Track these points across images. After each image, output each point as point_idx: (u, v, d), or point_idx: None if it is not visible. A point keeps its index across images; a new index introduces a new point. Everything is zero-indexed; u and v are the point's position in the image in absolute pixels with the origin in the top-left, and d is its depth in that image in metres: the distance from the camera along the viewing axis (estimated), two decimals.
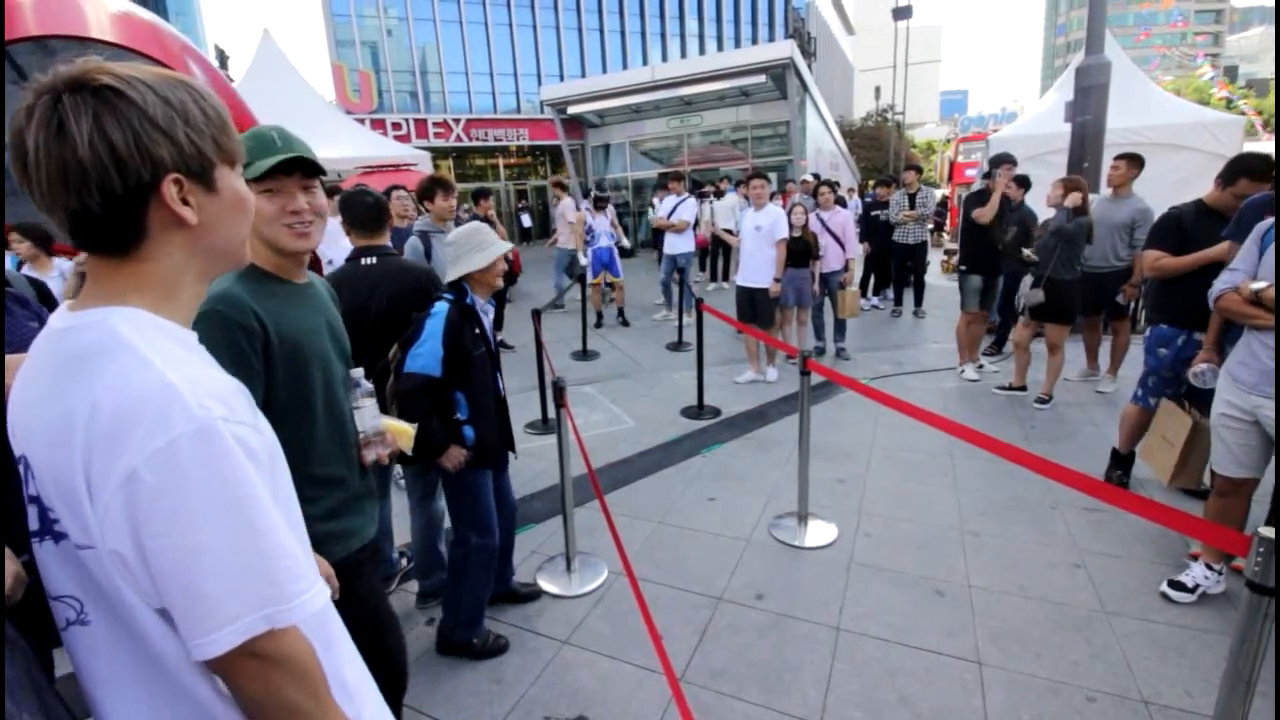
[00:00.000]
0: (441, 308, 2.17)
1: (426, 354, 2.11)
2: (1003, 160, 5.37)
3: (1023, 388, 4.94)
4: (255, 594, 0.68)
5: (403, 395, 2.09)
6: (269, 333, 1.31)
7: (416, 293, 2.34)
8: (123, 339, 0.70)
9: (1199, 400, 3.11)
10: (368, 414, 1.53)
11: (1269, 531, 1.26)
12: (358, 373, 1.51)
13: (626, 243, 8.33)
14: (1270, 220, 2.27)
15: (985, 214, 5.12)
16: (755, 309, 5.46)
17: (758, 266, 5.40)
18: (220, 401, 0.70)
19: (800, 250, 5.54)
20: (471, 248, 2.25)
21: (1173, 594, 2.52)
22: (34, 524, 0.73)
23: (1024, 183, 5.27)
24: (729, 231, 7.50)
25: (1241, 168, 3.07)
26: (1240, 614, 1.33)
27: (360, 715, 0.84)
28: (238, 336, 1.27)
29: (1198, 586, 2.51)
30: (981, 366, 5.56)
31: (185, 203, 0.74)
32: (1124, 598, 2.57)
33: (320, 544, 1.32)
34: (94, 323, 0.72)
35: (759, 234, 5.35)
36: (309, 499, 1.34)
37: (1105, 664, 2.23)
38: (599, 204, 8.04)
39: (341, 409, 1.46)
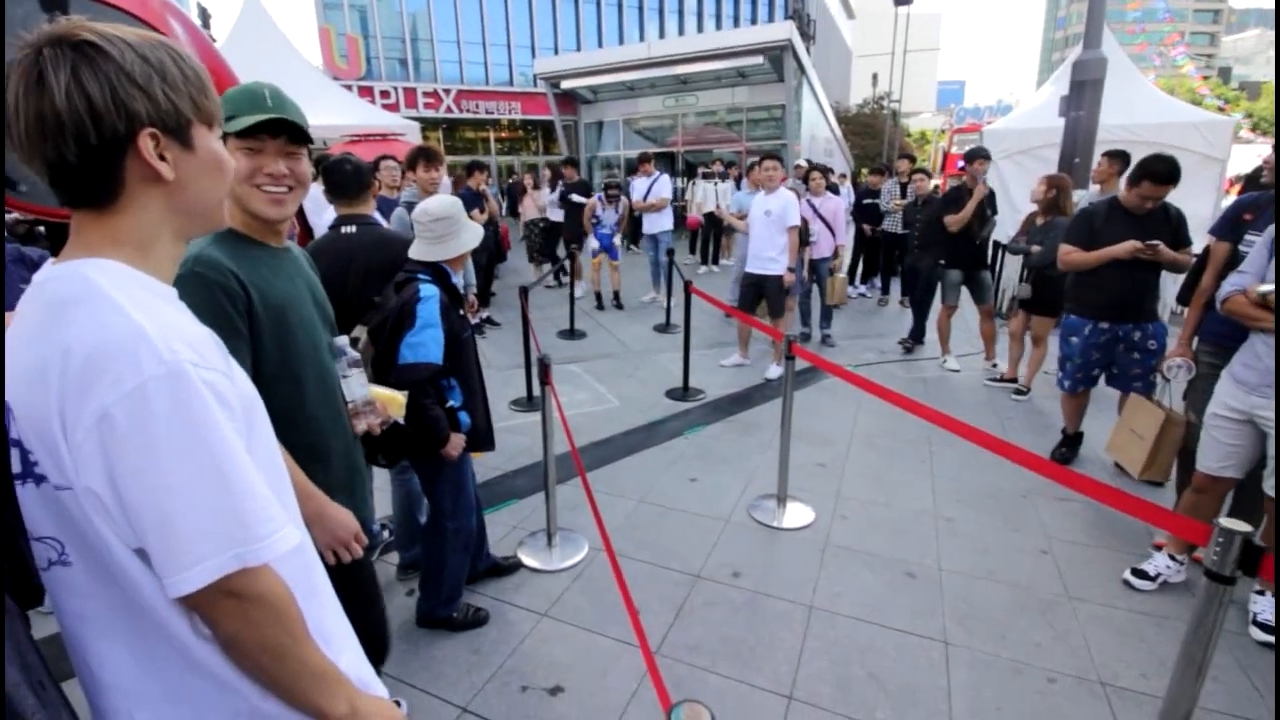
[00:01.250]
0: (432, 291, 2.04)
1: (429, 341, 1.98)
2: (977, 155, 5.38)
3: (1014, 379, 4.97)
4: (225, 533, 0.71)
5: (414, 389, 1.93)
6: (251, 296, 1.28)
7: (396, 265, 2.22)
8: (94, 286, 0.72)
9: (1145, 387, 3.30)
10: (355, 382, 1.50)
11: (1229, 523, 1.31)
12: (342, 340, 1.49)
13: (618, 240, 8.24)
14: None
15: (956, 223, 5.18)
16: (766, 298, 5.27)
17: (768, 253, 5.16)
18: (189, 346, 0.72)
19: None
20: (459, 227, 2.14)
21: (1135, 581, 2.60)
22: (16, 467, 0.75)
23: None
24: (739, 217, 7.35)
25: (1146, 171, 3.22)
26: (1198, 601, 1.38)
27: (337, 661, 0.86)
28: (219, 297, 1.24)
29: (1159, 575, 2.59)
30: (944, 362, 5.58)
31: (162, 158, 0.76)
32: (1088, 584, 2.65)
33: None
34: (68, 273, 0.74)
35: (769, 219, 5.09)
36: (309, 467, 1.33)
37: (1067, 647, 2.30)
38: (611, 197, 7.89)
39: (331, 377, 1.44)
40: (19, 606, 0.90)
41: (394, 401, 1.67)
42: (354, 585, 1.42)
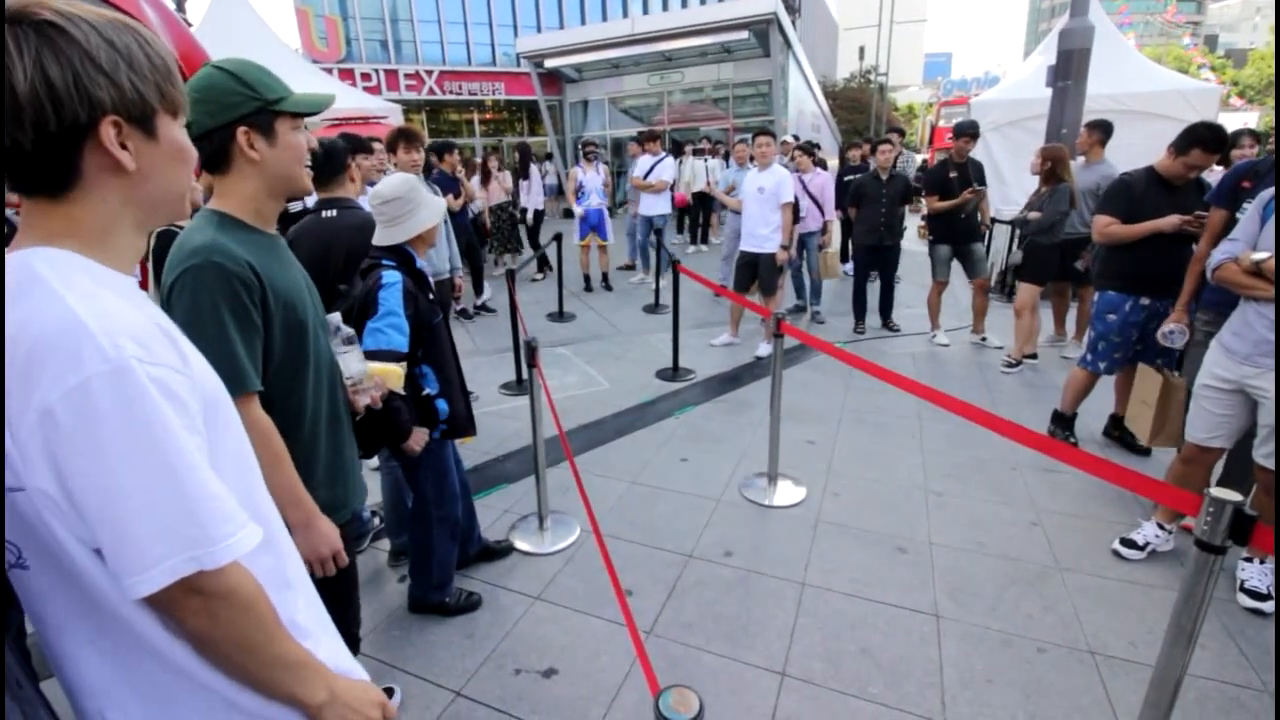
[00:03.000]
0: (395, 277, 1.95)
1: (388, 328, 1.89)
2: (963, 132, 5.32)
3: (1034, 355, 4.89)
4: (180, 535, 0.68)
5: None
6: (264, 286, 1.23)
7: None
8: (38, 276, 0.69)
9: (1153, 361, 3.21)
10: (353, 359, 1.49)
11: (1219, 492, 1.30)
12: (335, 318, 1.47)
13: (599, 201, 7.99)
14: (1273, 190, 2.23)
15: (940, 208, 5.20)
16: (758, 276, 5.21)
17: (762, 230, 5.08)
18: (135, 341, 0.68)
19: None
20: (414, 205, 2.03)
21: (1124, 551, 2.62)
22: None
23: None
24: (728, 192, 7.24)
25: (1195, 138, 3.05)
26: (1188, 570, 1.38)
27: (315, 652, 0.85)
28: (238, 289, 1.19)
29: (1148, 544, 2.61)
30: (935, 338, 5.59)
31: (124, 148, 0.72)
32: (1077, 554, 2.67)
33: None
34: (15, 263, 0.70)
35: (762, 196, 5.03)
36: (305, 460, 1.31)
37: (1056, 617, 2.32)
38: (588, 156, 7.60)
39: (331, 361, 1.42)
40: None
41: (392, 374, 1.65)
42: (335, 585, 1.39)
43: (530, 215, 8.74)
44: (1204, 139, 3.03)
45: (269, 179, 1.26)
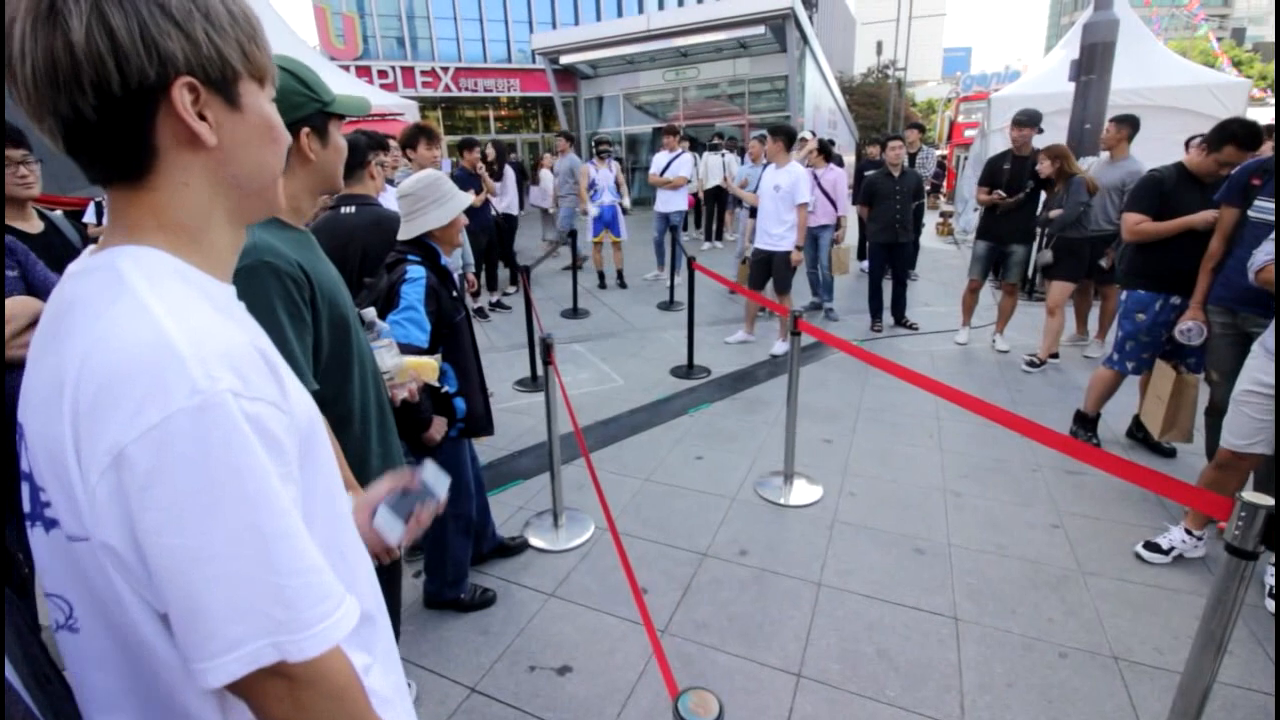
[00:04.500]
0: (420, 272, 1.96)
1: (407, 322, 1.90)
2: (1019, 122, 5.00)
3: (1055, 355, 4.81)
4: (263, 616, 0.56)
5: None
6: (313, 284, 1.23)
7: (393, 245, 2.15)
8: (124, 282, 0.58)
9: (1184, 360, 3.15)
10: (388, 353, 1.49)
11: (1252, 496, 1.26)
12: (370, 312, 1.48)
13: (628, 203, 7.93)
14: None
15: (985, 201, 5.03)
16: (773, 273, 5.19)
17: (776, 229, 5.07)
18: (232, 369, 0.57)
19: None
20: (433, 200, 2.04)
21: (1146, 554, 2.57)
22: (26, 505, 0.63)
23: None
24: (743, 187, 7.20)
25: (1229, 134, 3.00)
26: (1218, 576, 1.34)
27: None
28: (291, 289, 1.17)
29: (1173, 549, 2.55)
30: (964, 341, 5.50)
31: (201, 118, 0.61)
32: (1100, 558, 2.62)
33: None
34: (101, 264, 0.61)
35: (778, 194, 5.02)
36: (359, 456, 1.32)
37: (1079, 621, 2.28)
38: (601, 153, 7.56)
39: (370, 357, 1.42)
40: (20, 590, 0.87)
41: (427, 366, 1.65)
42: (383, 576, 1.39)
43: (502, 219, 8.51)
44: (1238, 135, 2.98)
45: (316, 178, 1.27)
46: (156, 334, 0.55)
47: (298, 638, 0.58)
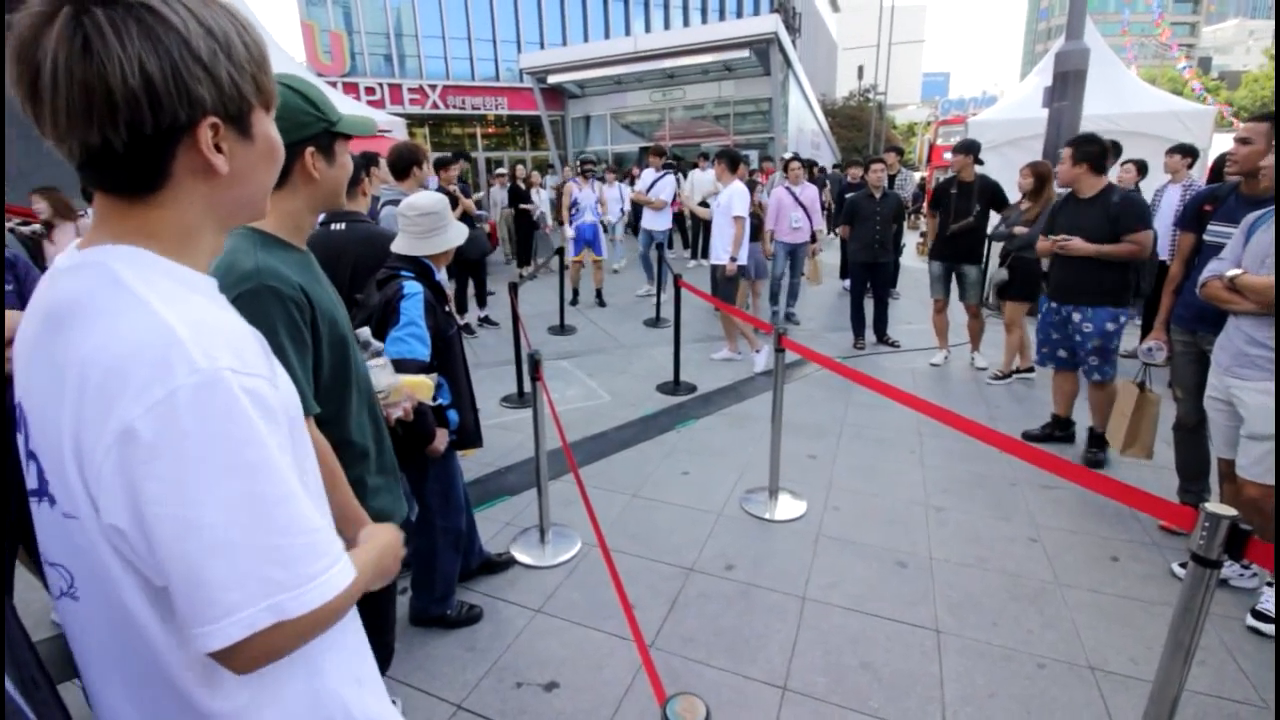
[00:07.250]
0: (417, 288, 2.00)
1: (409, 337, 1.93)
2: (960, 149, 5.25)
3: (1030, 370, 4.91)
4: (261, 581, 0.60)
5: None
6: (314, 306, 1.23)
7: (383, 262, 2.18)
8: (120, 280, 0.62)
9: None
10: (383, 372, 1.50)
11: (1215, 507, 1.32)
12: (365, 332, 1.49)
13: (611, 219, 8.03)
14: (1257, 213, 2.37)
15: (931, 225, 5.38)
16: (713, 287, 5.48)
17: (717, 243, 5.39)
18: (229, 349, 0.61)
19: (756, 225, 5.88)
20: (447, 223, 2.10)
21: (1261, 626, 2.31)
22: (32, 482, 0.67)
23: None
24: (704, 205, 7.44)
25: (1083, 154, 3.49)
26: (1184, 585, 1.39)
27: (363, 701, 0.82)
28: (293, 312, 1.18)
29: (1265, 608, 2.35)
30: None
31: (218, 149, 0.65)
32: (1076, 570, 2.68)
33: None
34: (93, 262, 0.64)
35: (719, 209, 5.40)
36: (358, 476, 1.32)
37: (1056, 633, 2.33)
38: (585, 173, 7.73)
39: (366, 376, 1.42)
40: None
41: (422, 385, 1.66)
42: (376, 597, 1.39)
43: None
44: (1091, 156, 3.47)
45: (319, 197, 1.26)
46: (156, 323, 0.59)
47: (298, 593, 0.61)
